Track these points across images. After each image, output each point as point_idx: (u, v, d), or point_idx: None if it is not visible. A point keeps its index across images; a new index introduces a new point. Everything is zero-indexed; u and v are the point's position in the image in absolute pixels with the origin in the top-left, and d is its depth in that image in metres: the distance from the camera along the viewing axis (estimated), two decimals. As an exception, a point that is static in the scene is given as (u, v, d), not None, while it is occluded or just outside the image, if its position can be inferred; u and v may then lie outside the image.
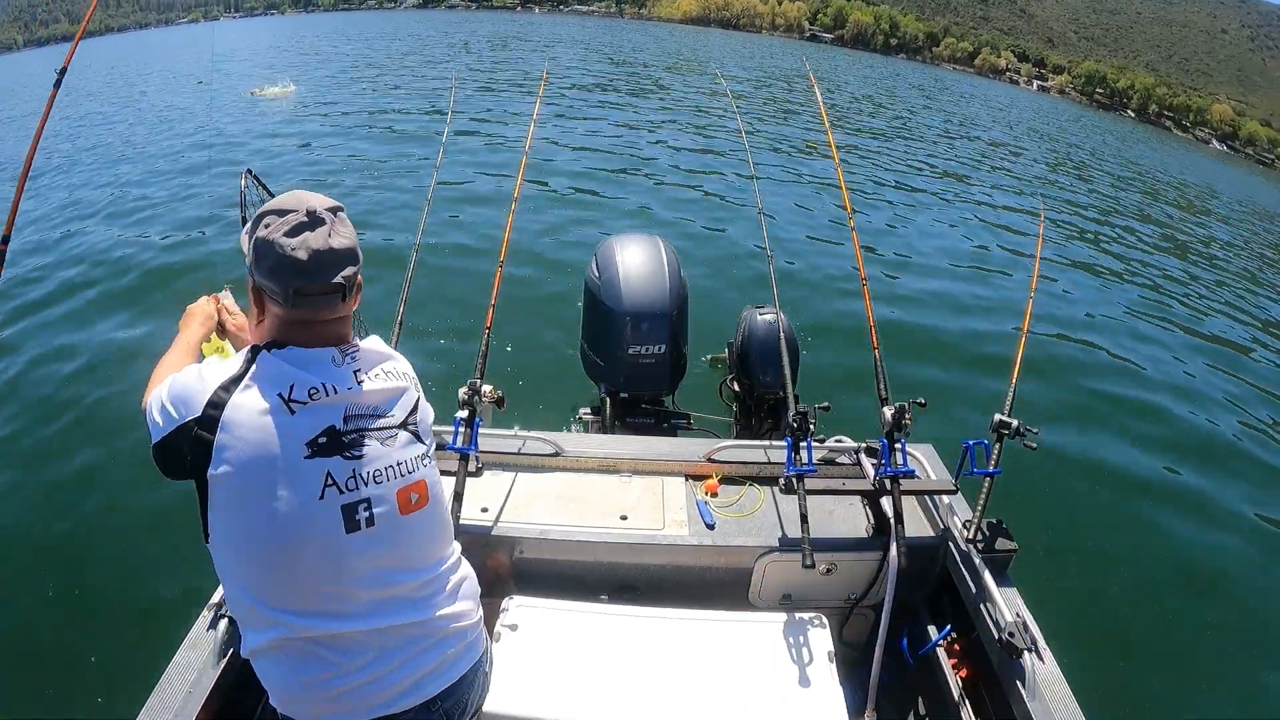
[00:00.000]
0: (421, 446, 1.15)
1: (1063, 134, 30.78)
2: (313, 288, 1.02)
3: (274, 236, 1.01)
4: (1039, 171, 16.81)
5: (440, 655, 1.13)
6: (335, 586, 1.03)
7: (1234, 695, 2.76)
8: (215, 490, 0.98)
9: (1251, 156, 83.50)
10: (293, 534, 0.99)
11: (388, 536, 1.07)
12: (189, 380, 1.02)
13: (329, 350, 1.07)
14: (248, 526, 0.99)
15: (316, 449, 1.01)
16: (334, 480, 1.02)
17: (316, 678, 1.04)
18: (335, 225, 1.04)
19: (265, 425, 0.98)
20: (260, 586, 1.02)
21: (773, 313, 2.57)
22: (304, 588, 1.02)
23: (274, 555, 1.00)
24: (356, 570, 1.04)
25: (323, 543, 1.01)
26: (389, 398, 1.11)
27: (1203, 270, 10.27)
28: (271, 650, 1.04)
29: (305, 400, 1.01)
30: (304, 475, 1.00)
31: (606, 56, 31.31)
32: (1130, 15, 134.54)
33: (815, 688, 1.47)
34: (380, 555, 1.06)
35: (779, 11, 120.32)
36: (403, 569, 1.10)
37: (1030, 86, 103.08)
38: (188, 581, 2.33)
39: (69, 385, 4.11)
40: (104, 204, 7.80)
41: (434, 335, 4.47)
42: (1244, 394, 5.77)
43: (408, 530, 1.10)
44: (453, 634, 1.16)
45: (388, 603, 1.08)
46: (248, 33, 50.14)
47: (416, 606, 1.12)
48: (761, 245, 2.41)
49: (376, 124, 12.35)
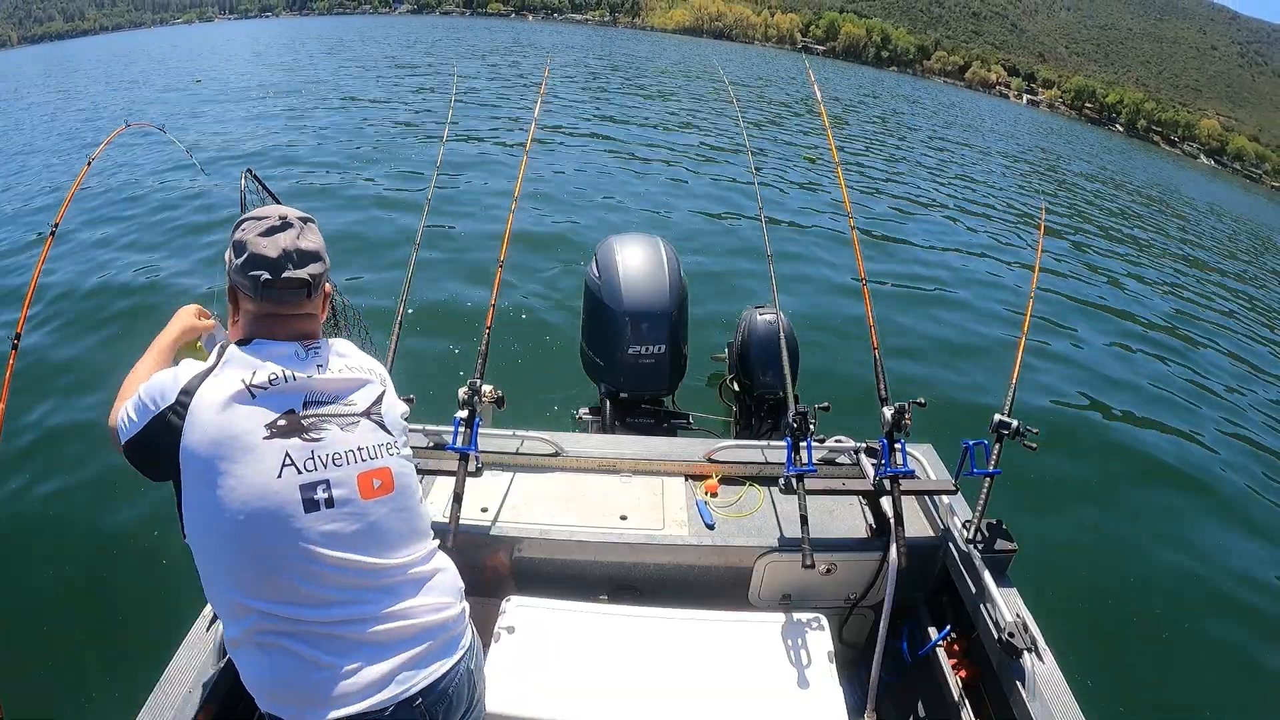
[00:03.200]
0: (386, 435, 1.17)
1: (1052, 146, 31.14)
2: (279, 281, 1.11)
3: (248, 236, 1.11)
4: (1034, 178, 16.99)
5: (415, 647, 1.11)
6: (300, 569, 1.04)
7: (1234, 695, 2.76)
8: (185, 474, 1.03)
9: (1239, 172, 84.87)
10: (251, 512, 1.01)
11: (348, 518, 1.08)
12: (163, 378, 1.08)
13: (293, 344, 1.14)
14: (212, 506, 1.02)
15: (275, 430, 1.05)
16: (292, 460, 1.05)
17: (292, 669, 1.03)
18: (305, 230, 1.15)
19: (227, 408, 1.03)
20: (230, 572, 1.03)
21: (773, 313, 2.58)
22: (271, 571, 1.03)
23: (237, 534, 1.01)
24: (318, 551, 1.05)
25: (282, 521, 1.03)
26: (349, 387, 1.16)
27: (1196, 276, 10.39)
28: (247, 641, 1.04)
29: (265, 386, 1.07)
30: (262, 454, 1.03)
31: (604, 60, 31.47)
32: (1121, 31, 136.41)
33: (815, 688, 1.47)
34: (342, 538, 1.07)
35: (772, 23, 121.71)
36: (371, 555, 1.10)
37: (1020, 100, 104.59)
38: (188, 581, 2.31)
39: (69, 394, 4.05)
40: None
41: (434, 335, 4.45)
42: (1245, 385, 5.81)
43: (371, 515, 1.11)
44: (430, 626, 1.14)
45: (356, 590, 1.08)
46: (240, 39, 49.95)
47: (387, 595, 1.11)
48: (762, 245, 2.41)
49: (377, 124, 12.37)
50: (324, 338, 1.21)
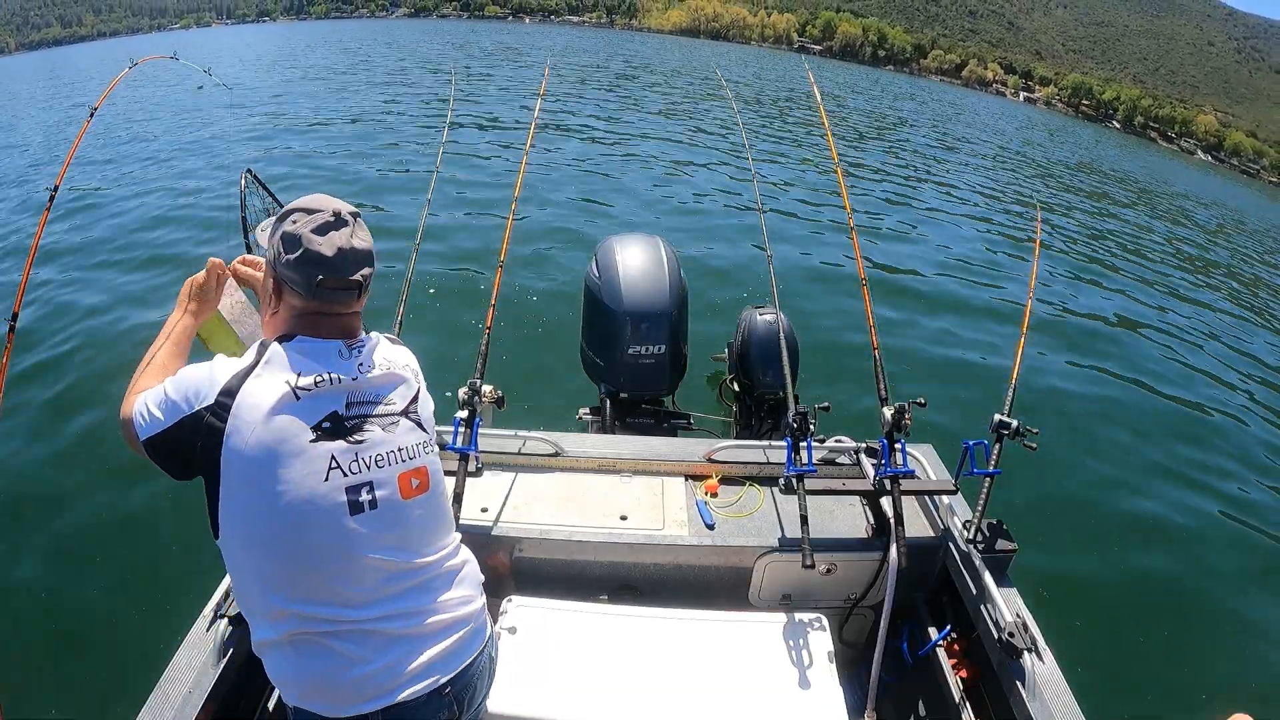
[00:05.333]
0: (423, 434, 1.19)
1: (1050, 142, 31.16)
2: (334, 281, 1.09)
3: (302, 231, 1.07)
4: (1031, 175, 16.99)
5: (447, 639, 1.15)
6: (343, 571, 1.05)
7: (1235, 694, 2.76)
8: (226, 476, 1.01)
9: (1236, 167, 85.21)
10: (299, 515, 1.01)
11: (390, 520, 1.10)
12: (199, 374, 1.05)
13: (336, 343, 1.13)
14: (257, 509, 1.01)
15: (321, 433, 1.05)
16: (338, 463, 1.05)
17: (331, 667, 1.05)
18: (356, 228, 1.13)
19: (273, 410, 1.02)
20: (272, 576, 1.03)
21: (773, 313, 2.58)
22: (313, 573, 1.04)
23: (282, 537, 1.02)
24: (362, 554, 1.06)
25: (328, 524, 1.04)
26: (389, 384, 1.16)
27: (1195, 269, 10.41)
28: (284, 643, 1.05)
29: (311, 388, 1.06)
30: (309, 458, 1.03)
31: (603, 62, 31.44)
32: (1118, 28, 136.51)
33: (815, 688, 1.47)
34: (384, 539, 1.09)
35: (768, 23, 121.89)
36: (407, 554, 1.12)
37: (1017, 98, 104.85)
38: (189, 581, 2.31)
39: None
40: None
41: (434, 335, 4.45)
42: (1248, 384, 5.80)
43: (409, 514, 1.13)
44: (459, 619, 1.18)
45: (394, 588, 1.10)
46: (237, 44, 49.74)
47: (423, 591, 1.14)
48: (761, 245, 2.41)
49: (376, 123, 12.34)
50: (364, 333, 1.19)
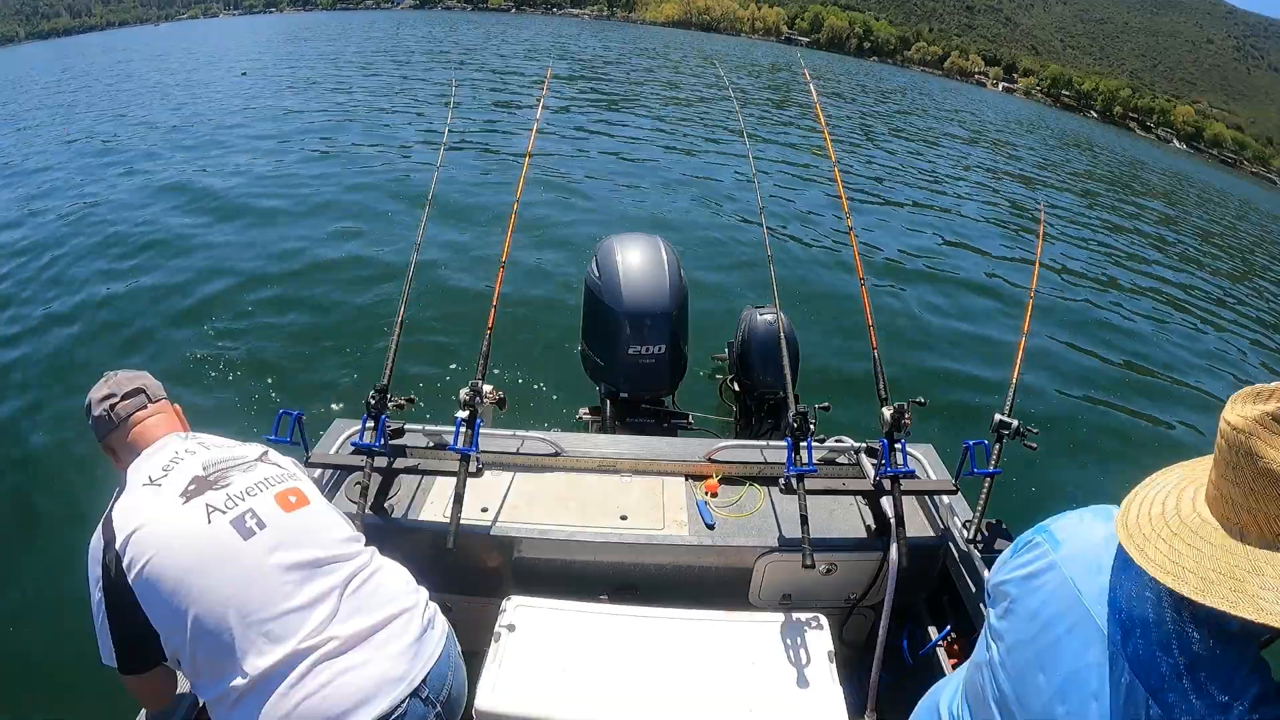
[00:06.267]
0: (283, 470, 1.30)
1: (1036, 132, 31.09)
2: (118, 397, 1.27)
3: (94, 411, 1.28)
4: (1026, 169, 17.00)
5: (402, 642, 1.18)
6: (273, 591, 1.10)
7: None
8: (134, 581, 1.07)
9: (1215, 157, 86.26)
10: (199, 559, 1.09)
11: (285, 534, 1.17)
12: (89, 566, 1.14)
13: (168, 436, 1.27)
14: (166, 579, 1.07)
15: (188, 495, 1.15)
16: (214, 507, 1.15)
17: (288, 701, 1.07)
18: (119, 378, 1.33)
19: (142, 505, 1.13)
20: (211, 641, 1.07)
21: (773, 313, 2.58)
22: (249, 611, 1.08)
23: (194, 586, 1.07)
24: (274, 576, 1.11)
25: (229, 557, 1.11)
26: (237, 448, 1.30)
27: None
28: (236, 695, 1.07)
29: (165, 471, 1.18)
30: (188, 517, 1.12)
31: (603, 58, 31.34)
32: (1117, 25, 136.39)
33: (815, 688, 1.47)
34: (288, 552, 1.15)
35: (758, 16, 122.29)
36: (316, 564, 1.17)
37: (996, 88, 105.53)
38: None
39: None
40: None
41: (435, 336, 4.45)
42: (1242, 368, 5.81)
43: (300, 526, 1.21)
44: (400, 618, 1.21)
45: (321, 604, 1.14)
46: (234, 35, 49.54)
47: (351, 599, 1.17)
48: (761, 245, 2.41)
49: (376, 123, 12.29)
50: None
